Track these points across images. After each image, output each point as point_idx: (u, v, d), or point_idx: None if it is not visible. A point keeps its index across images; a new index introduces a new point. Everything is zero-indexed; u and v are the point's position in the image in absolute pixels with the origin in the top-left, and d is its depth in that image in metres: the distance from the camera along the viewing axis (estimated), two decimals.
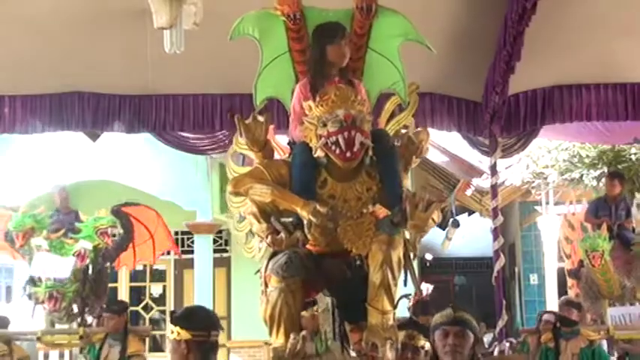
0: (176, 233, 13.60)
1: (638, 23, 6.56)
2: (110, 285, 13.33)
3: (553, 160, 11.31)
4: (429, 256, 19.01)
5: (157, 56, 5.80)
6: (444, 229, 13.73)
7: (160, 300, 13.86)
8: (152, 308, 13.73)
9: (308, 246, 3.75)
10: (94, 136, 10.34)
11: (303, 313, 3.84)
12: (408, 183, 3.99)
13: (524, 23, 5.87)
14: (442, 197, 13.06)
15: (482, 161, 11.00)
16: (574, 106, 7.26)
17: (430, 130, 7.62)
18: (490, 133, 7.37)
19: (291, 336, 3.58)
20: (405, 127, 4.35)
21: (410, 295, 4.22)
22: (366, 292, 3.66)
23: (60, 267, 7.70)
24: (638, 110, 7.23)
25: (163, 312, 13.82)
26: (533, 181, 11.94)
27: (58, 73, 6.90)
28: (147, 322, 13.67)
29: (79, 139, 10.26)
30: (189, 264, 12.95)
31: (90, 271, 7.91)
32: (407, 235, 3.85)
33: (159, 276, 14.05)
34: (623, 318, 7.42)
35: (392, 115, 4.44)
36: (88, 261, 7.89)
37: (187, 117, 7.25)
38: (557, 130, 8.09)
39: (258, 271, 3.90)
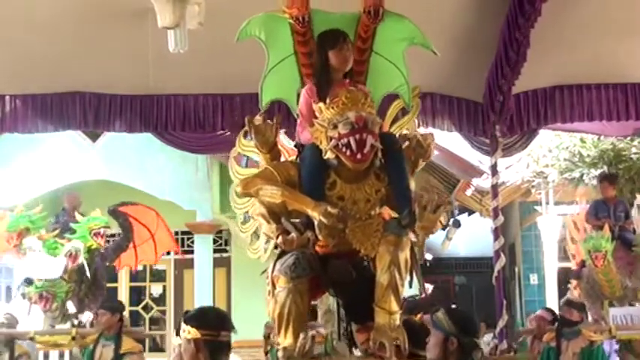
0: (176, 233, 13.60)
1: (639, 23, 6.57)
2: (110, 285, 13.42)
3: (554, 159, 11.29)
4: (429, 256, 18.96)
5: (158, 56, 5.81)
6: (444, 229, 13.72)
7: (160, 300, 13.86)
8: (152, 308, 13.73)
9: (315, 247, 3.78)
10: (94, 136, 10.35)
11: None
12: (414, 185, 4.01)
13: (530, 24, 5.88)
14: (446, 198, 13.03)
15: (482, 161, 10.99)
16: (575, 106, 7.27)
17: (431, 130, 7.73)
18: (491, 133, 7.38)
19: (301, 335, 3.60)
20: (407, 129, 4.39)
21: (417, 295, 4.23)
22: (373, 293, 3.68)
23: (51, 267, 7.63)
24: (639, 110, 7.25)
25: (163, 312, 13.82)
26: (534, 181, 11.93)
27: (59, 72, 6.90)
28: (147, 321, 13.67)
29: (79, 139, 10.32)
30: (190, 264, 12.96)
31: (87, 272, 7.81)
32: (413, 237, 3.86)
33: (159, 276, 14.05)
34: (625, 318, 7.42)
35: (395, 119, 4.49)
36: (80, 261, 7.77)
37: (188, 117, 7.27)
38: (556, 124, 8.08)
39: (264, 271, 3.90)
